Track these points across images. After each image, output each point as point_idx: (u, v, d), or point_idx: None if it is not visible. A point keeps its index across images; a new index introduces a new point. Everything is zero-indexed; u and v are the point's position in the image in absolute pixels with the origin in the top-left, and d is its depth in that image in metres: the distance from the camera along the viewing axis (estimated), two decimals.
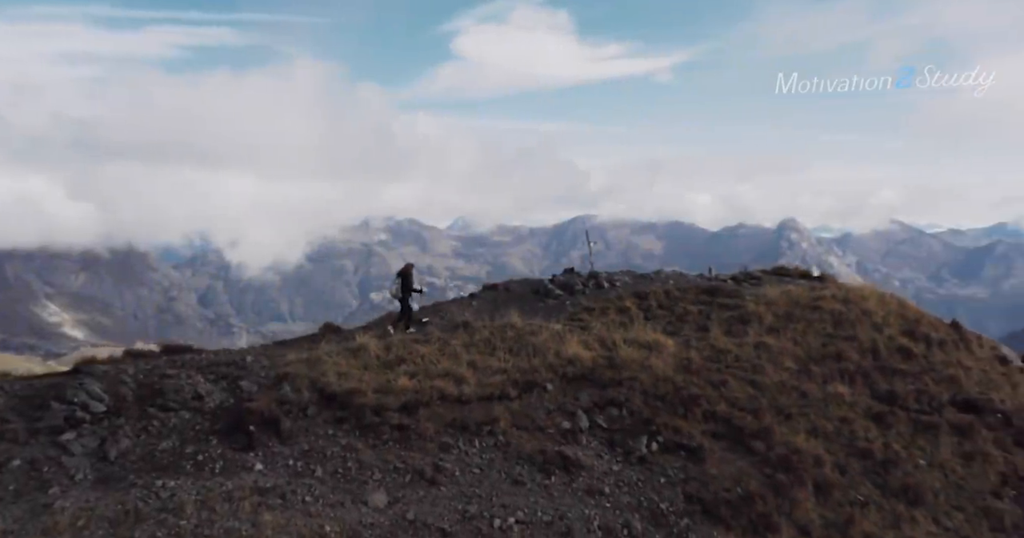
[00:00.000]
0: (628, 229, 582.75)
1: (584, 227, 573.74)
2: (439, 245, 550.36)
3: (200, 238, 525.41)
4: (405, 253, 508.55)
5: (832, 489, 15.13)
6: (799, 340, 19.81)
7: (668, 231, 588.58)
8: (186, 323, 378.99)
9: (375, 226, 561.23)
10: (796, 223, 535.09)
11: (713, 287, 23.32)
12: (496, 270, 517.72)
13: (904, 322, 22.28)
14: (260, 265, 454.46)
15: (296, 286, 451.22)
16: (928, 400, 18.85)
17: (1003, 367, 23.00)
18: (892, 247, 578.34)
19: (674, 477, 14.66)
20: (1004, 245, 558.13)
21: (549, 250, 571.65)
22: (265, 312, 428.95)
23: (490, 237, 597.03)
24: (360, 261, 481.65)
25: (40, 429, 12.76)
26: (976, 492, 16.62)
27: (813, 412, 17.09)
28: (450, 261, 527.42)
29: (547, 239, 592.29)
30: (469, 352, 17.14)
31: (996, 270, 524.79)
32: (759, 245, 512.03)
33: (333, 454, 13.54)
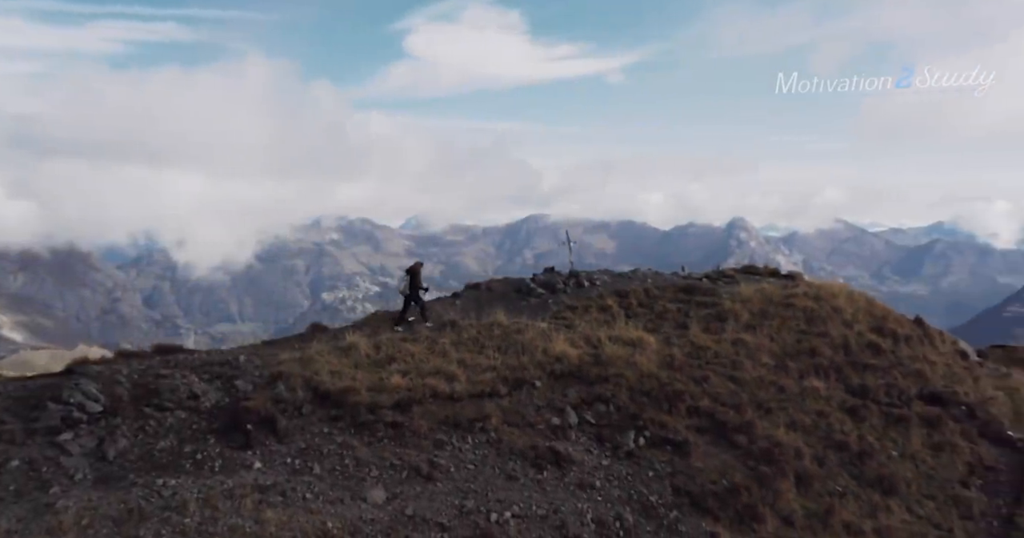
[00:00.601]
0: (581, 228, 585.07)
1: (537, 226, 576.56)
2: (392, 245, 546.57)
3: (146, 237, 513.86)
4: (357, 253, 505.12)
5: (812, 480, 15.68)
6: (775, 337, 20.39)
7: (620, 230, 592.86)
8: (131, 325, 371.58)
9: (327, 225, 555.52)
10: (745, 222, 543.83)
11: (690, 286, 23.84)
12: (449, 270, 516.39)
13: (872, 319, 23.01)
14: (208, 265, 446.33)
15: (246, 286, 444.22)
16: (897, 394, 19.56)
17: (964, 362, 23.88)
18: (837, 246, 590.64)
19: (661, 471, 15.04)
20: (942, 244, 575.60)
21: (502, 249, 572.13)
22: (214, 313, 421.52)
23: (443, 236, 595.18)
24: (312, 261, 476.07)
25: (37, 429, 12.72)
26: (945, 481, 17.32)
27: (791, 406, 17.65)
28: (403, 261, 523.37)
29: (500, 238, 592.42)
30: (458, 350, 17.37)
31: (935, 268, 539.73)
32: (709, 244, 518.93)
33: (330, 452, 13.68)
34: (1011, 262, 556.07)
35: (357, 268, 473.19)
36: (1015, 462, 18.60)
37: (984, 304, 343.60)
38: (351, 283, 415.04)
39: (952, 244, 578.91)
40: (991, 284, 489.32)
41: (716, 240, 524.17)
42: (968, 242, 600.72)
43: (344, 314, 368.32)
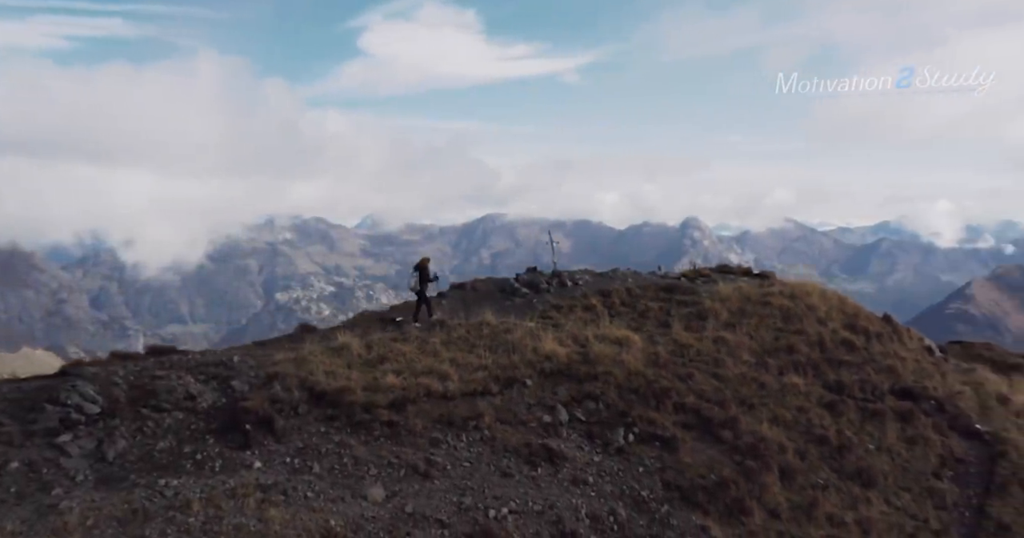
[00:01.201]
0: (537, 227, 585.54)
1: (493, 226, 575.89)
2: (347, 244, 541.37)
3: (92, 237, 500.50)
4: (311, 252, 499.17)
5: (795, 474, 16.14)
6: (753, 334, 20.89)
7: (576, 229, 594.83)
8: (77, 326, 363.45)
9: (280, 225, 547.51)
10: (698, 221, 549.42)
11: (671, 285, 24.27)
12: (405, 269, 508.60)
13: (844, 316, 23.62)
14: (158, 265, 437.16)
15: (197, 286, 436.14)
16: (871, 389, 20.15)
17: (931, 358, 24.62)
18: (787, 244, 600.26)
19: (651, 466, 15.39)
20: (888, 242, 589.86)
21: (459, 249, 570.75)
22: (164, 314, 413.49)
23: (399, 236, 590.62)
24: (265, 260, 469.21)
25: (35, 431, 12.67)
26: (920, 473, 17.91)
27: (772, 402, 18.13)
28: (358, 260, 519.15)
29: (456, 238, 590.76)
30: (449, 350, 17.56)
31: (881, 266, 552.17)
32: (663, 243, 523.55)
33: (328, 451, 13.80)
34: (953, 261, 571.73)
35: (311, 268, 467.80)
36: (983, 454, 19.29)
37: (928, 301, 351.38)
38: (305, 283, 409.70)
39: (897, 243, 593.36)
40: (934, 282, 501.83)
41: (670, 239, 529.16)
42: (912, 241, 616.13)
43: (299, 315, 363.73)
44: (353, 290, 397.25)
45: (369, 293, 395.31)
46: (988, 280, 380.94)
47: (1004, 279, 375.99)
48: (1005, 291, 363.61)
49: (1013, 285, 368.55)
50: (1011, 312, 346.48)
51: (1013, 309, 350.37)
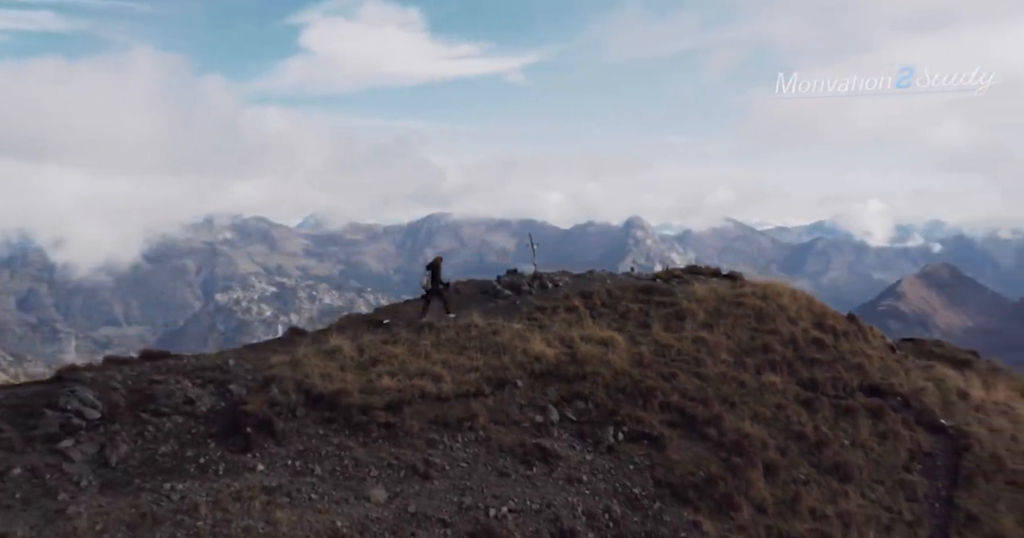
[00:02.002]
0: (483, 227, 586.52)
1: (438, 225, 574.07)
2: (289, 244, 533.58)
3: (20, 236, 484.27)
4: (252, 252, 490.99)
5: (778, 470, 16.68)
6: (730, 334, 21.41)
7: (521, 229, 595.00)
8: (4, 329, 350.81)
9: (220, 224, 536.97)
10: (641, 221, 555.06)
11: (649, 286, 24.72)
12: (350, 269, 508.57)
13: (813, 316, 24.31)
14: (91, 265, 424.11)
15: (131, 287, 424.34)
16: (843, 386, 20.82)
17: (894, 355, 25.49)
18: (727, 244, 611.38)
19: (641, 464, 15.77)
20: (823, 242, 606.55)
21: (404, 248, 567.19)
22: (96, 316, 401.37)
23: (343, 235, 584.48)
24: (203, 261, 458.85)
25: (36, 437, 12.60)
26: (892, 467, 18.61)
27: (752, 400, 18.66)
28: (301, 260, 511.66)
29: (401, 237, 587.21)
30: (439, 351, 17.73)
31: (817, 265, 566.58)
32: (608, 242, 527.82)
33: (328, 453, 13.92)
34: (884, 259, 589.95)
35: (252, 268, 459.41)
36: (949, 448, 20.10)
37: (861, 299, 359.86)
38: (246, 283, 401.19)
39: (832, 242, 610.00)
40: (867, 280, 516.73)
41: (614, 238, 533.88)
42: (846, 240, 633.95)
43: (239, 316, 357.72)
44: (295, 290, 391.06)
45: (312, 293, 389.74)
46: (917, 278, 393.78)
47: (932, 277, 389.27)
48: (933, 288, 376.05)
49: (940, 283, 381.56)
50: (939, 309, 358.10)
51: (940, 306, 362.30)
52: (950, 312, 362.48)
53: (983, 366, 30.73)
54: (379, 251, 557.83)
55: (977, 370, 29.27)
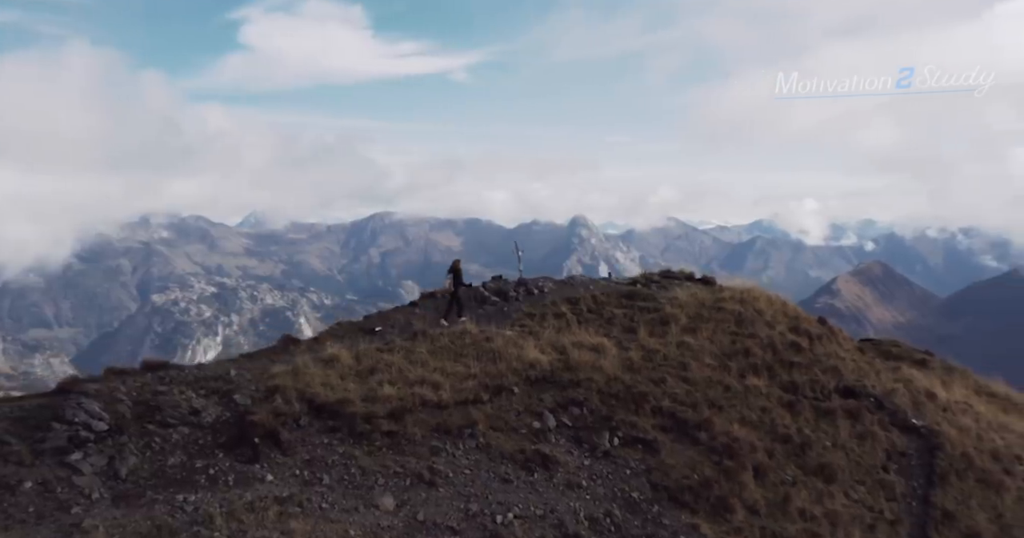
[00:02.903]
0: (427, 226, 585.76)
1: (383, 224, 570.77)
2: (228, 243, 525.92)
3: None
4: (190, 251, 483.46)
5: (767, 472, 17.17)
6: (713, 339, 21.88)
7: (467, 227, 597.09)
8: None
9: (156, 223, 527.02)
10: (586, 220, 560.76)
11: (632, 292, 25.15)
12: (291, 269, 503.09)
13: (788, 319, 24.90)
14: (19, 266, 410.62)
15: (63, 288, 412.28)
16: (820, 388, 21.39)
17: (864, 356, 26.26)
18: (670, 242, 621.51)
19: (637, 468, 16.13)
20: (762, 240, 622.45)
21: (347, 247, 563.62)
22: (26, 318, 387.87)
23: (285, 234, 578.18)
24: (139, 261, 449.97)
25: (45, 450, 12.54)
26: (871, 467, 19.22)
27: (738, 403, 19.13)
28: (241, 260, 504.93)
29: (345, 236, 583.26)
30: (436, 359, 17.90)
31: (756, 263, 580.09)
32: (552, 241, 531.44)
33: (334, 462, 14.04)
34: (820, 257, 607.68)
35: (191, 268, 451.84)
36: (922, 447, 20.79)
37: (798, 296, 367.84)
38: (184, 284, 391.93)
39: (770, 241, 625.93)
40: (804, 277, 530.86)
41: (559, 237, 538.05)
42: (783, 239, 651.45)
43: (177, 317, 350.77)
44: (236, 291, 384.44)
45: (254, 294, 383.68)
46: (852, 276, 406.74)
47: (865, 274, 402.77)
48: (867, 285, 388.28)
49: (873, 280, 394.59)
50: (872, 305, 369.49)
51: (874, 302, 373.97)
52: (882, 308, 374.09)
53: (938, 365, 31.72)
54: (322, 250, 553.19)
55: (933, 369, 30.24)
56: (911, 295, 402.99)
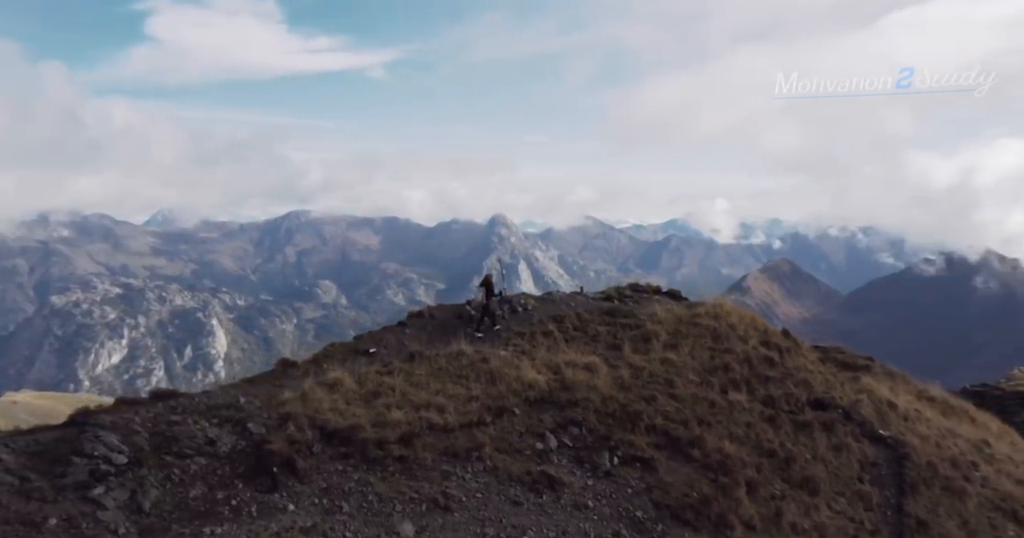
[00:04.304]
0: (345, 224, 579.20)
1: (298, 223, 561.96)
2: (134, 242, 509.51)
3: None
4: (93, 251, 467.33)
5: (758, 487, 17.74)
6: (693, 354, 22.43)
7: (385, 226, 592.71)
8: None
9: (56, 221, 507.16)
10: (505, 219, 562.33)
11: (612, 309, 25.57)
12: (202, 269, 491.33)
13: (758, 333, 25.59)
14: None
15: None
16: (795, 402, 22.08)
17: (826, 366, 27.09)
18: (588, 241, 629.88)
19: (637, 487, 16.53)
20: (676, 239, 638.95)
21: (262, 247, 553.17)
22: None
23: (195, 233, 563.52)
24: (37, 260, 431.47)
25: (66, 485, 12.35)
26: (848, 479, 19.98)
27: (724, 419, 19.68)
28: (148, 259, 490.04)
29: (259, 235, 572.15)
30: (436, 381, 18.03)
31: (671, 261, 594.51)
32: (472, 239, 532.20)
33: (351, 489, 14.10)
34: (731, 255, 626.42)
35: (93, 268, 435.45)
36: (891, 457, 21.66)
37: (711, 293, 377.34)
38: (87, 285, 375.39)
39: (684, 239, 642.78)
40: (716, 275, 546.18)
41: (478, 236, 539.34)
42: (696, 237, 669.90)
43: (79, 319, 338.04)
44: (144, 291, 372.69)
45: (162, 295, 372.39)
46: (761, 273, 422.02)
47: (774, 271, 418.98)
48: (775, 282, 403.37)
49: (781, 277, 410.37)
50: (780, 301, 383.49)
51: (782, 298, 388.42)
52: (790, 304, 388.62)
53: (880, 371, 32.97)
54: (235, 249, 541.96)
55: (875, 375, 31.40)
56: (816, 291, 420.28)
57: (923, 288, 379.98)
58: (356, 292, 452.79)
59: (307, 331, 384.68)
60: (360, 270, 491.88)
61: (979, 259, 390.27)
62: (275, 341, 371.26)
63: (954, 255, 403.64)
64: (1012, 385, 42.83)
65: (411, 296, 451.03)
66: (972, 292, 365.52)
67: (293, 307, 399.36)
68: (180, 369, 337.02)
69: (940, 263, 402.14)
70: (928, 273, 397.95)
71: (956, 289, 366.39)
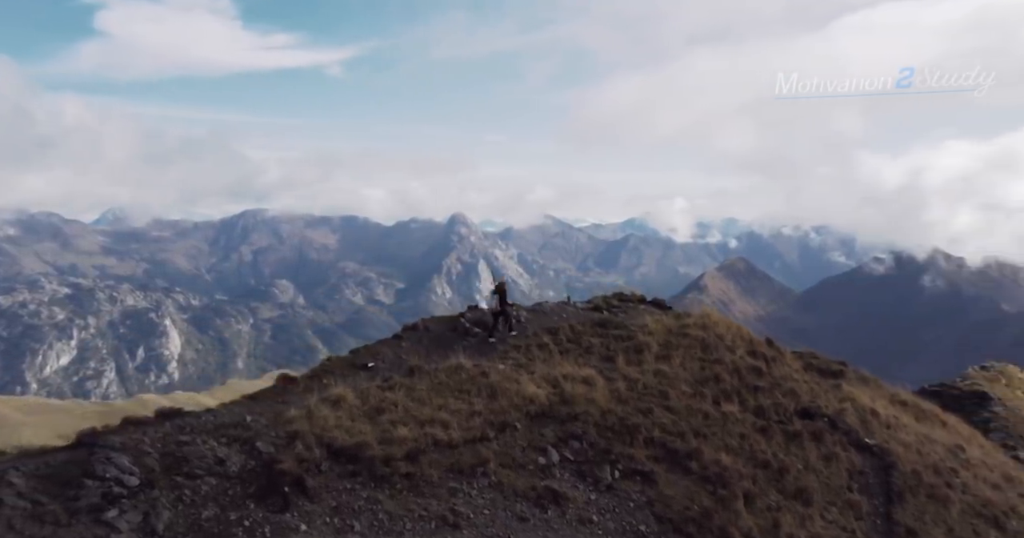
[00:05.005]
0: (302, 223, 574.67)
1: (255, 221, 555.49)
2: (84, 241, 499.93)
3: None
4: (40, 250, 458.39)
5: (755, 498, 17.97)
6: (685, 365, 22.62)
7: (343, 225, 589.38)
8: None
9: (2, 220, 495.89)
10: (465, 218, 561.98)
11: (604, 320, 25.71)
12: (155, 268, 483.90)
13: (745, 343, 25.86)
14: None
15: None
16: (783, 412, 22.34)
17: (808, 374, 27.42)
18: (547, 240, 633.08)
19: (639, 501, 16.67)
20: (635, 238, 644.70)
21: (217, 246, 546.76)
22: None
23: (147, 232, 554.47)
24: None
25: (79, 508, 12.24)
26: (838, 488, 20.28)
27: (719, 430, 19.88)
28: (98, 259, 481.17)
29: (214, 234, 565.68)
30: (438, 396, 18.01)
31: (629, 260, 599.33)
32: (431, 238, 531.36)
33: (361, 508, 14.08)
34: (689, 254, 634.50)
35: (41, 267, 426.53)
36: (876, 465, 22.02)
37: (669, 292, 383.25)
38: (34, 285, 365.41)
39: (642, 238, 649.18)
40: (674, 274, 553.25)
41: (438, 235, 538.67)
42: (654, 236, 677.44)
43: (26, 320, 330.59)
44: (93, 291, 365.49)
45: (113, 295, 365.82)
46: (718, 271, 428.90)
47: (730, 270, 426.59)
48: (731, 281, 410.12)
49: (737, 275, 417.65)
50: (736, 299, 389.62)
51: (738, 296, 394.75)
52: (745, 302, 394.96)
53: (853, 376, 33.47)
54: (189, 249, 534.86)
55: (849, 380, 31.87)
56: (771, 290, 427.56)
57: (873, 286, 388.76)
58: (314, 292, 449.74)
59: (264, 331, 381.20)
60: (318, 269, 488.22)
61: (927, 258, 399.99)
62: (231, 342, 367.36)
63: (903, 254, 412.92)
64: (968, 384, 43.88)
65: (370, 296, 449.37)
66: (920, 290, 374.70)
67: (249, 307, 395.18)
68: (132, 370, 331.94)
69: (889, 262, 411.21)
70: (878, 272, 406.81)
71: (905, 287, 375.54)
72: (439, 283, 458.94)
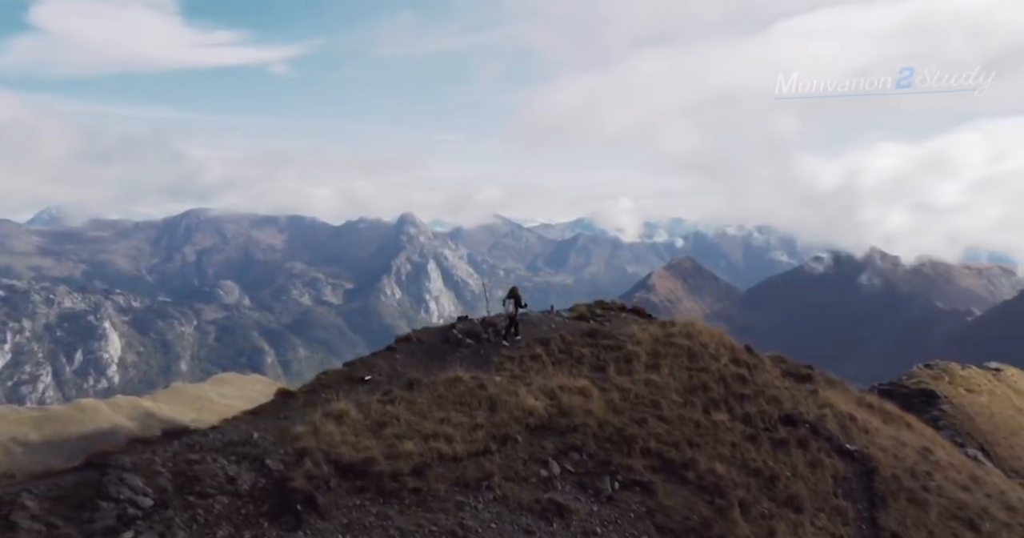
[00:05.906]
0: (247, 222, 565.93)
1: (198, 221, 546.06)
2: (18, 242, 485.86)
3: None
4: None
5: (749, 507, 18.25)
6: (673, 374, 22.85)
7: (289, 224, 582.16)
8: None
9: None
10: (414, 218, 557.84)
11: (593, 330, 25.79)
12: (94, 269, 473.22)
13: (727, 351, 26.15)
14: None
15: None
16: (768, 419, 22.67)
17: (786, 381, 27.79)
18: (497, 240, 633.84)
19: (639, 511, 16.84)
20: (584, 238, 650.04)
21: (159, 246, 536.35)
22: None
23: (85, 232, 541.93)
24: None
25: (95, 531, 12.20)
26: (825, 494, 20.66)
27: (711, 440, 20.13)
28: (34, 259, 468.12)
29: (156, 234, 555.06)
30: (439, 409, 17.97)
31: (578, 260, 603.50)
32: (380, 238, 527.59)
33: (372, 524, 14.07)
34: (636, 254, 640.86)
35: None
36: (858, 471, 22.47)
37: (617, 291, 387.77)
38: None
39: (591, 238, 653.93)
40: (622, 273, 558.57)
41: (387, 235, 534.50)
42: (603, 236, 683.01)
43: None
44: (28, 293, 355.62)
45: (49, 297, 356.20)
46: (665, 270, 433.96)
47: (677, 269, 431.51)
48: (678, 279, 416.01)
49: (684, 274, 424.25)
50: (683, 298, 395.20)
51: (685, 295, 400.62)
52: (692, 301, 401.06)
53: (821, 379, 34.05)
54: (129, 249, 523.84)
55: (818, 384, 32.44)
56: (716, 288, 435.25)
57: (814, 285, 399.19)
58: (260, 292, 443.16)
59: (208, 333, 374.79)
60: (264, 270, 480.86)
61: (864, 257, 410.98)
62: (174, 344, 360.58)
63: (841, 253, 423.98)
64: (915, 383, 45.12)
65: (318, 296, 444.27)
66: (858, 288, 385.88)
67: (193, 308, 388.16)
68: (70, 374, 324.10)
69: (828, 261, 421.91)
70: (818, 271, 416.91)
71: (844, 286, 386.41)
72: (389, 284, 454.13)
